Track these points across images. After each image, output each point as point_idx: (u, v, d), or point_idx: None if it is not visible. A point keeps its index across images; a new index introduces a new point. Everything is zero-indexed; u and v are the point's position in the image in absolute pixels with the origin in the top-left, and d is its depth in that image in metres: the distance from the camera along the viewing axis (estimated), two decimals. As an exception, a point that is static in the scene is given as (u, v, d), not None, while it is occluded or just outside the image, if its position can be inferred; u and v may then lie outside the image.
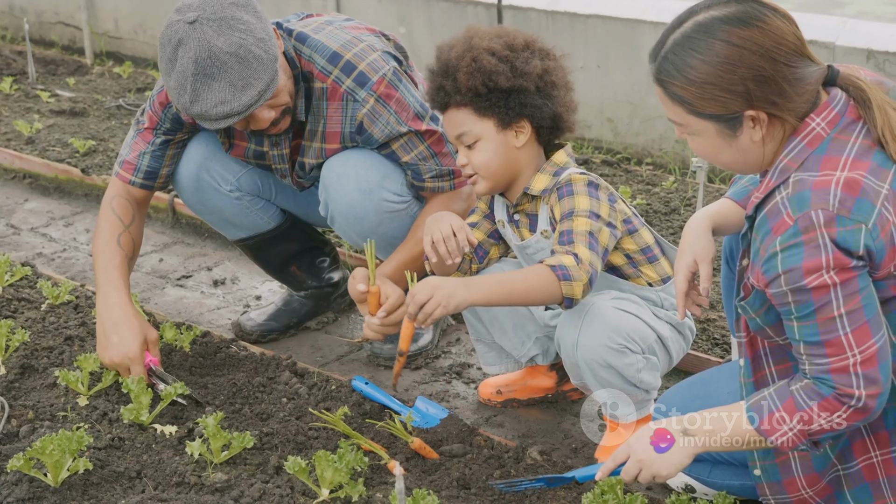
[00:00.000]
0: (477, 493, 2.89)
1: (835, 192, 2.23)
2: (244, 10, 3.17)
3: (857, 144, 2.30)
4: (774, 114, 2.32)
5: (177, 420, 3.22)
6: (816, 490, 2.55)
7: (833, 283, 2.24)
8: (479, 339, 3.40)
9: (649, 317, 3.07)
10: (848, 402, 2.30)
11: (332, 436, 3.12)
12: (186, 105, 3.17)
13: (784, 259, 2.26)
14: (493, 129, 3.04)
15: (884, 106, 2.32)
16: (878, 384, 2.29)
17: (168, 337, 3.59)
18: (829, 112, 2.33)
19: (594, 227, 2.94)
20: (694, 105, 2.34)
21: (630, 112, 5.56)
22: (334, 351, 3.89)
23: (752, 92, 2.29)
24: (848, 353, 2.27)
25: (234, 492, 2.85)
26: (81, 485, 2.87)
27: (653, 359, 3.04)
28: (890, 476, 2.46)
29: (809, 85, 2.32)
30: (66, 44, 8.07)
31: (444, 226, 3.05)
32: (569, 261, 2.87)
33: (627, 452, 2.54)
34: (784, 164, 2.33)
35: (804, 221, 2.23)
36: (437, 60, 3.10)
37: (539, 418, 3.44)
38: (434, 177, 3.46)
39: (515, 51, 3.03)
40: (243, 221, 3.79)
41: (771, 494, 2.61)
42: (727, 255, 2.96)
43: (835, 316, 2.26)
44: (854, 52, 4.79)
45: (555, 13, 5.69)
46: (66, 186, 5.49)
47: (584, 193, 3.00)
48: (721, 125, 2.35)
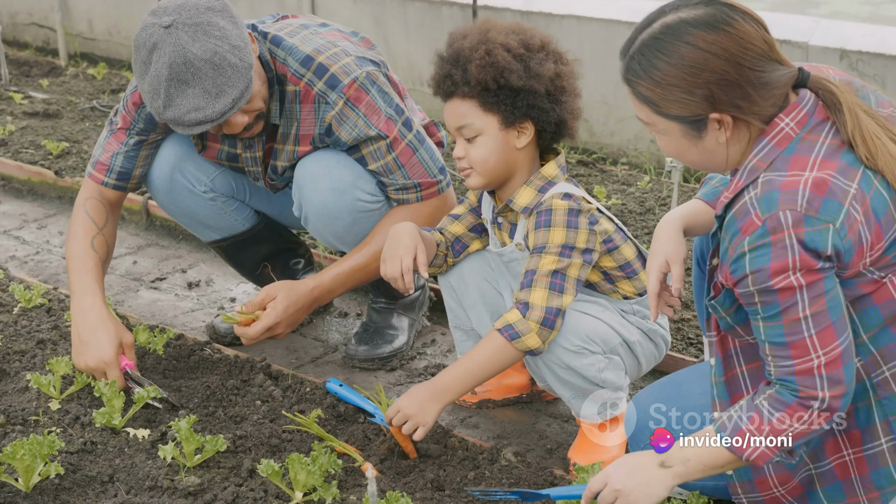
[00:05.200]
0: (451, 495, 2.88)
1: (803, 193, 2.24)
2: (220, 16, 3.15)
3: (826, 144, 2.31)
4: (739, 117, 2.33)
5: (150, 424, 3.20)
6: (788, 489, 2.56)
7: (799, 285, 2.25)
8: (458, 325, 3.38)
9: (615, 321, 3.05)
10: (812, 405, 2.31)
11: (306, 438, 3.11)
12: (160, 110, 3.16)
13: (752, 259, 2.27)
14: (495, 125, 2.98)
15: (854, 109, 2.33)
16: (842, 385, 2.30)
17: (141, 340, 3.57)
18: (797, 112, 2.34)
19: (561, 264, 2.93)
20: (659, 106, 2.35)
21: (605, 112, 5.57)
22: (309, 353, 3.88)
23: (717, 96, 2.30)
24: (812, 356, 2.28)
25: (208, 495, 2.84)
26: (53, 490, 2.85)
27: (615, 358, 3.03)
28: (862, 474, 2.47)
29: (777, 89, 2.32)
30: (40, 45, 8.03)
31: (394, 266, 3.04)
32: (513, 316, 2.91)
33: (605, 481, 2.53)
34: (753, 164, 2.33)
35: (772, 222, 2.24)
36: (448, 47, 3.02)
37: (514, 419, 3.44)
38: (398, 189, 3.44)
39: (531, 50, 2.97)
40: (217, 223, 3.78)
41: (743, 493, 2.61)
42: (698, 256, 2.96)
43: (800, 318, 2.27)
44: (828, 51, 4.80)
45: (530, 13, 5.70)
46: (39, 189, 5.46)
47: (562, 225, 2.96)
48: (686, 126, 2.36)
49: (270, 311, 3.31)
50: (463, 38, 2.99)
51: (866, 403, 2.44)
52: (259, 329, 3.30)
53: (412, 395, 2.97)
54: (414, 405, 2.95)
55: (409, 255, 3.03)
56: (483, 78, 2.92)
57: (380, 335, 3.81)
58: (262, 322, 3.30)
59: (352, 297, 4.26)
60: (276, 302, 3.32)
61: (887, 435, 2.43)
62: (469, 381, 2.98)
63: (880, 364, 2.40)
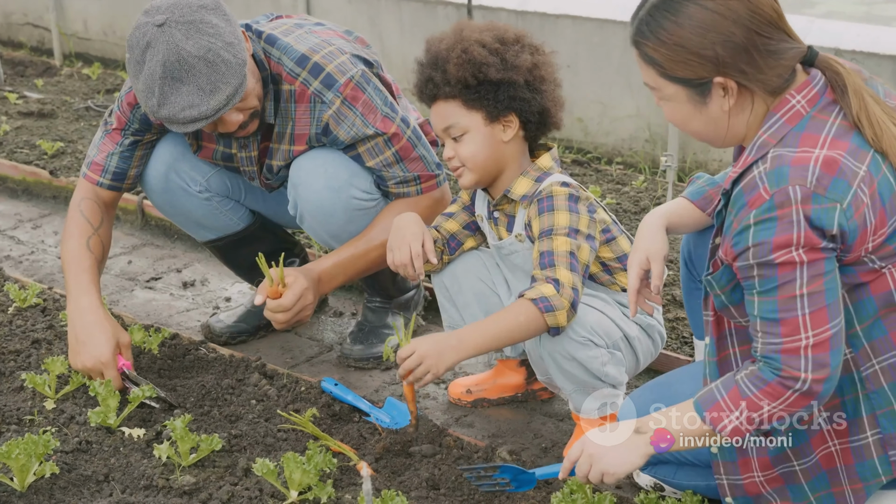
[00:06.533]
0: (446, 494, 2.89)
1: (813, 170, 2.24)
2: (213, 14, 3.15)
3: (837, 125, 2.32)
4: (743, 84, 2.33)
5: (145, 423, 3.20)
6: (768, 477, 2.54)
7: (800, 261, 2.25)
8: (452, 325, 3.38)
9: (617, 315, 3.07)
10: (792, 387, 2.30)
11: (302, 437, 3.11)
12: (154, 108, 3.16)
13: (756, 232, 2.27)
14: (480, 121, 3.04)
15: (860, 91, 2.33)
16: (826, 369, 2.29)
17: (136, 339, 3.57)
18: (809, 90, 2.34)
19: (573, 245, 2.95)
20: (664, 67, 2.35)
21: (600, 112, 5.57)
22: (304, 352, 3.88)
23: (722, 58, 2.30)
24: (802, 335, 2.28)
25: (203, 494, 2.84)
26: (48, 489, 2.85)
27: (617, 353, 3.04)
28: (847, 465, 2.47)
29: (784, 60, 2.33)
30: (35, 45, 8.02)
31: (402, 252, 3.09)
32: (549, 290, 2.89)
33: (581, 448, 2.55)
34: (763, 139, 2.33)
35: (780, 196, 2.24)
36: (426, 53, 3.09)
37: (509, 418, 3.44)
38: (398, 183, 3.45)
39: (506, 44, 3.04)
40: (212, 223, 3.78)
41: (725, 474, 2.60)
42: (685, 257, 2.97)
43: (796, 295, 2.27)
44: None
45: (524, 13, 5.70)
46: (34, 189, 5.46)
47: (565, 209, 3.00)
48: (691, 90, 2.36)
49: (295, 284, 3.27)
50: (439, 41, 3.07)
51: (854, 396, 2.44)
52: (291, 297, 3.24)
53: (433, 340, 2.93)
54: (433, 350, 2.88)
55: (417, 241, 3.10)
56: (462, 76, 2.98)
57: (375, 334, 3.81)
58: (293, 289, 3.25)
59: (347, 296, 4.26)
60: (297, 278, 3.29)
61: (873, 428, 2.43)
62: (491, 342, 2.93)
63: (870, 357, 2.40)
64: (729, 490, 2.60)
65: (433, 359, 2.88)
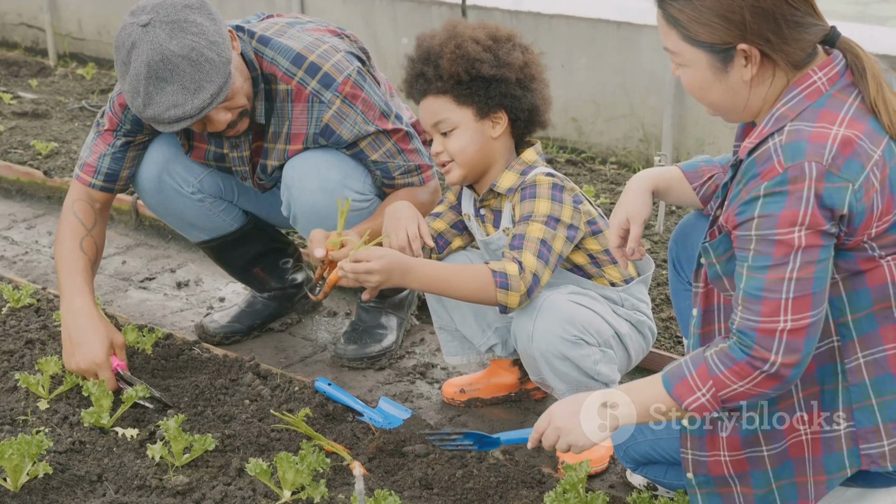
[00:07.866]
0: (439, 493, 2.89)
1: (830, 148, 2.22)
2: (197, 13, 3.15)
3: (855, 106, 2.30)
4: (767, 53, 2.30)
5: (138, 423, 3.20)
6: (733, 459, 2.52)
7: (798, 245, 2.23)
8: (443, 326, 3.40)
9: (607, 313, 3.08)
10: (761, 367, 2.28)
11: (295, 437, 3.11)
12: (140, 108, 3.16)
13: (764, 204, 2.25)
14: (471, 117, 3.07)
15: (878, 76, 2.32)
16: (797, 354, 2.27)
17: (130, 339, 3.57)
18: (830, 69, 2.32)
19: (548, 234, 2.98)
20: (688, 29, 2.30)
21: (594, 111, 5.58)
22: (298, 352, 3.88)
23: (748, 23, 2.26)
24: (781, 318, 2.26)
25: (196, 494, 2.84)
26: (41, 489, 2.85)
27: (609, 352, 3.05)
28: (815, 455, 2.45)
29: (807, 35, 2.30)
30: (29, 45, 8.02)
31: (400, 235, 3.16)
32: (512, 269, 2.93)
33: (549, 420, 2.54)
34: (781, 111, 2.31)
35: (795, 171, 2.22)
36: (417, 49, 3.12)
37: (502, 418, 3.44)
38: (403, 173, 3.49)
39: (499, 41, 3.07)
40: (205, 223, 3.78)
41: (691, 449, 2.57)
42: (673, 259, 2.96)
43: (784, 278, 2.25)
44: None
45: (518, 13, 5.70)
46: (28, 189, 5.46)
47: (547, 197, 3.02)
48: (713, 56, 2.32)
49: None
50: (431, 38, 3.10)
51: (833, 387, 2.42)
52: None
53: (389, 257, 2.96)
54: (385, 266, 2.93)
55: (413, 224, 3.18)
56: (455, 70, 3.01)
57: (369, 334, 3.81)
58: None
59: (341, 296, 4.27)
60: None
61: (847, 421, 2.42)
62: (438, 285, 3.00)
63: (857, 350, 2.39)
64: (692, 465, 2.58)
65: (383, 275, 2.94)
